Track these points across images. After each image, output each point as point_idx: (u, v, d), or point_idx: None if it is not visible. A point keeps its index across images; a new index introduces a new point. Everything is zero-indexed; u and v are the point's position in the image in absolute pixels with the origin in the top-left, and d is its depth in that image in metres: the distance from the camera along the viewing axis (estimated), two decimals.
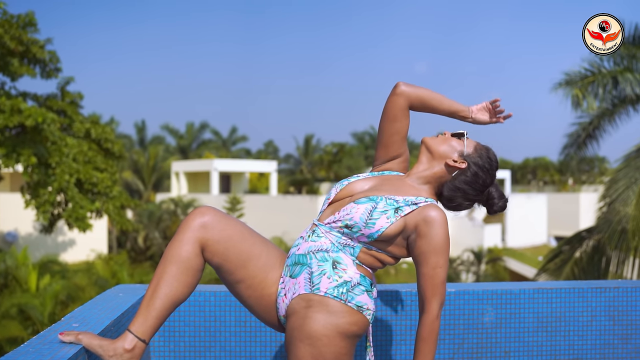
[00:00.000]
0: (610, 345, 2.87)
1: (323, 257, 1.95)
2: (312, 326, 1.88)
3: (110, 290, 2.72)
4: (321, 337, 1.88)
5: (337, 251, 1.96)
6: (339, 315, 1.89)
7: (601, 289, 2.89)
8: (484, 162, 2.12)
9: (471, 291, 2.81)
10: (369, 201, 1.96)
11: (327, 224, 1.99)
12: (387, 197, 1.98)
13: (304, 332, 1.88)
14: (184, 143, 43.82)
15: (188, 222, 1.93)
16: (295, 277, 1.95)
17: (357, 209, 1.94)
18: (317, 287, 1.91)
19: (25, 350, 1.72)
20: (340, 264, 1.94)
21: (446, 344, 2.78)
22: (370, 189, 2.06)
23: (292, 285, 1.95)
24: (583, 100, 10.71)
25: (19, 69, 14.33)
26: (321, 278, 1.92)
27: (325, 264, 1.94)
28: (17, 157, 13.12)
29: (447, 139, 2.15)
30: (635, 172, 9.84)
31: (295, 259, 1.98)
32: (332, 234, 1.97)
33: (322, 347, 1.87)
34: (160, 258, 1.93)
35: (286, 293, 1.96)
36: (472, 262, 26.02)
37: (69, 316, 2.16)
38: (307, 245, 1.98)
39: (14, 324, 12.15)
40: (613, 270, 9.96)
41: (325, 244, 1.97)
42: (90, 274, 15.26)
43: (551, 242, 36.90)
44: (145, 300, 1.87)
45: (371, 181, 2.12)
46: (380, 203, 1.95)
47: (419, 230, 1.95)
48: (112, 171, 16.20)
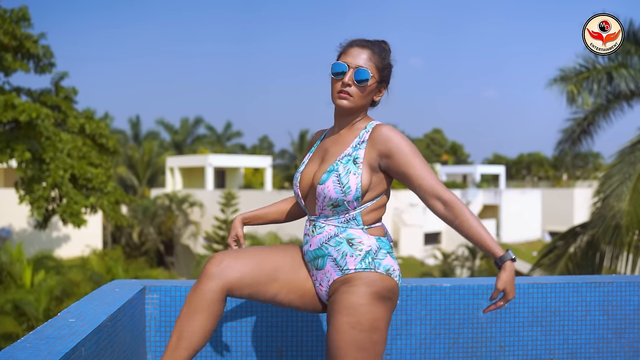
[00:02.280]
0: (604, 340, 2.89)
1: (336, 242, 2.04)
2: (348, 298, 1.97)
3: (107, 285, 2.72)
4: (357, 306, 1.96)
5: (344, 230, 2.04)
6: (372, 284, 1.98)
7: (595, 284, 2.90)
8: (387, 54, 2.12)
9: (466, 286, 2.82)
10: (329, 174, 2.02)
11: (319, 214, 2.08)
12: (339, 158, 2.04)
13: (342, 304, 1.97)
14: (178, 138, 43.71)
15: (207, 272, 2.02)
16: (322, 268, 2.07)
17: (327, 187, 2.01)
18: (346, 268, 2.02)
19: (22, 345, 1.72)
20: (354, 239, 2.03)
21: (442, 339, 2.79)
22: (322, 163, 2.10)
23: (322, 275, 2.08)
24: (578, 96, 10.73)
25: (13, 64, 14.27)
26: (346, 259, 2.02)
27: (342, 246, 2.03)
28: (11, 152, 13.08)
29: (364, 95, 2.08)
30: (629, 167, 9.87)
31: (313, 255, 2.09)
32: (330, 219, 2.06)
33: (358, 316, 1.95)
34: (182, 308, 2.02)
35: (320, 283, 2.09)
36: (467, 258, 26.09)
37: (66, 311, 2.16)
38: (316, 239, 2.07)
39: (9, 320, 12.13)
40: (607, 265, 10.00)
41: (331, 230, 2.05)
42: (85, 269, 15.24)
43: (545, 238, 37.03)
44: (169, 350, 1.98)
45: (317, 158, 2.16)
46: (339, 167, 2.02)
47: (383, 154, 2.01)
48: (107, 166, 16.17)
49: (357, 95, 2.05)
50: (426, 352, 2.78)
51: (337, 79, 2.06)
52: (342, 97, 2.05)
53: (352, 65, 2.05)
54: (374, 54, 2.08)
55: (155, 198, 28.50)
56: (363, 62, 2.05)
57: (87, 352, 1.84)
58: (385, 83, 2.14)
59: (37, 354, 1.64)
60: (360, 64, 2.04)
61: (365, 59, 2.05)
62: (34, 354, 1.65)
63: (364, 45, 2.08)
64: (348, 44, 2.11)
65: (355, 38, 2.12)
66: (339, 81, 2.06)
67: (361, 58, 2.05)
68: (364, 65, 2.04)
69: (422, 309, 2.79)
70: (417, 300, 2.79)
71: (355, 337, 1.94)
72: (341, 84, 2.05)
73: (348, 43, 2.11)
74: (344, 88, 2.04)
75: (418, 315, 2.79)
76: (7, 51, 14.15)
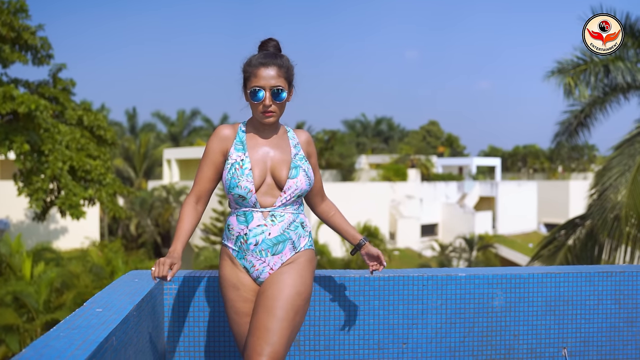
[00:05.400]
0: (616, 328, 2.93)
1: (295, 225, 2.37)
2: (297, 272, 2.32)
3: (125, 276, 2.75)
4: (303, 278, 2.33)
5: (297, 215, 2.39)
6: (313, 260, 2.41)
7: (607, 274, 2.94)
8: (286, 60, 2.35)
9: (481, 275, 2.86)
10: (297, 170, 2.35)
11: (280, 204, 2.33)
12: (295, 157, 2.37)
13: (292, 277, 2.30)
14: (175, 130, 43.64)
15: None
16: (280, 252, 2.34)
17: (300, 180, 2.34)
18: (299, 247, 2.37)
19: (56, 334, 1.74)
20: (303, 222, 2.42)
21: (457, 328, 2.83)
22: (276, 163, 2.35)
23: (277, 259, 2.34)
24: (575, 88, 10.76)
25: (11, 56, 14.17)
26: (300, 240, 2.38)
27: (298, 229, 2.38)
28: (10, 144, 13.02)
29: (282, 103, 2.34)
30: (629, 159, 9.92)
31: (273, 242, 2.33)
32: (288, 207, 2.35)
33: (303, 286, 2.32)
34: None
35: (272, 267, 2.34)
36: (464, 249, 26.20)
37: (91, 301, 2.18)
38: (278, 227, 2.33)
39: (9, 312, 12.12)
40: (605, 257, 10.07)
41: (290, 217, 2.36)
42: (85, 261, 15.24)
43: (541, 230, 37.20)
44: None
45: (260, 159, 2.35)
46: (303, 164, 2.37)
47: (307, 154, 2.45)
48: (105, 158, 16.11)
49: (279, 110, 2.33)
50: (442, 340, 2.82)
51: (257, 103, 2.30)
52: (268, 116, 2.32)
53: (267, 88, 2.28)
54: (280, 67, 2.30)
55: (152, 190, 28.47)
56: (275, 81, 2.28)
57: (117, 341, 1.87)
58: (293, 84, 2.37)
59: (72, 343, 1.67)
60: (273, 83, 2.28)
61: (274, 76, 2.28)
62: (69, 342, 1.67)
63: (268, 64, 2.29)
64: (253, 66, 2.30)
65: (253, 56, 2.34)
66: (259, 104, 2.30)
67: (271, 77, 2.28)
68: (276, 83, 2.28)
69: (437, 298, 2.82)
70: (432, 289, 2.82)
71: (298, 304, 2.28)
72: (262, 106, 2.30)
73: (253, 65, 2.31)
74: (267, 109, 2.30)
75: (434, 304, 2.82)
76: (5, 43, 14.05)
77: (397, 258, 26.05)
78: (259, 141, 2.38)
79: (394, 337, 2.80)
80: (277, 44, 2.41)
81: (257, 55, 2.34)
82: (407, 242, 30.66)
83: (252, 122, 2.41)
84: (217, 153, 2.36)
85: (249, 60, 2.34)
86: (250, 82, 2.29)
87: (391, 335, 2.80)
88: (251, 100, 2.30)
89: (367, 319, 2.80)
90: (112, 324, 1.87)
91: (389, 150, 50.06)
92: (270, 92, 2.27)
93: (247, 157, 2.33)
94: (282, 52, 2.40)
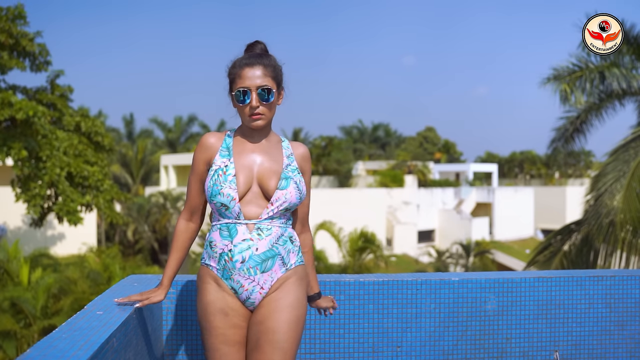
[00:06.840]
0: (607, 332, 2.99)
1: (284, 240, 2.21)
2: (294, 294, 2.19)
3: (125, 280, 2.79)
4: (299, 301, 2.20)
5: (286, 229, 2.23)
6: (304, 277, 2.27)
7: (598, 278, 3.00)
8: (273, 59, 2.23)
9: (474, 280, 2.91)
10: (288, 181, 2.20)
11: (266, 216, 2.18)
12: (286, 168, 2.22)
13: (288, 301, 2.17)
14: (172, 136, 43.67)
15: None
16: (270, 269, 2.17)
17: (290, 192, 2.19)
18: (289, 264, 2.22)
19: (59, 335, 1.79)
20: (292, 236, 2.26)
21: (450, 331, 2.88)
22: (264, 171, 2.20)
23: (267, 276, 2.17)
24: (571, 94, 10.86)
25: (9, 62, 14.24)
26: (289, 255, 2.22)
27: (287, 244, 2.22)
28: (8, 150, 13.08)
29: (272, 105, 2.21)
30: (623, 165, 9.98)
31: (262, 257, 2.16)
32: (275, 220, 2.20)
33: (301, 309, 2.20)
34: None
35: (262, 286, 2.18)
36: (461, 255, 26.25)
37: (92, 304, 2.23)
38: (266, 241, 2.17)
39: (6, 317, 12.13)
40: (601, 263, 10.12)
41: (278, 231, 2.20)
42: (82, 267, 15.25)
43: (538, 235, 37.27)
44: None
45: (245, 167, 2.19)
46: (295, 176, 2.22)
47: (302, 170, 2.29)
48: (103, 164, 16.17)
49: (267, 111, 2.18)
50: (435, 344, 2.87)
51: (244, 106, 2.17)
52: (256, 119, 2.17)
53: (253, 88, 2.15)
54: (266, 66, 2.18)
55: (149, 196, 28.48)
56: (261, 80, 2.15)
57: (118, 343, 1.92)
58: (282, 85, 2.25)
59: (74, 344, 1.72)
60: (259, 83, 2.15)
61: (261, 76, 2.15)
62: (72, 343, 1.72)
63: (253, 64, 2.17)
64: (238, 67, 2.19)
65: (238, 58, 2.23)
66: (246, 106, 2.17)
67: (257, 77, 2.15)
68: (262, 83, 2.15)
69: (431, 302, 2.87)
70: (426, 293, 2.88)
71: (300, 328, 2.19)
72: (249, 109, 2.16)
73: (237, 67, 2.19)
74: (255, 111, 2.16)
75: (427, 308, 2.87)
76: (3, 49, 14.13)
77: (394, 264, 26.07)
78: (247, 147, 2.23)
79: (388, 341, 2.85)
80: (264, 47, 2.28)
81: (242, 56, 2.23)
82: (404, 248, 30.70)
83: (242, 128, 2.27)
84: (200, 164, 2.23)
85: (233, 62, 2.22)
86: (236, 84, 2.17)
87: (385, 339, 2.85)
88: (237, 103, 2.17)
89: (362, 322, 2.85)
90: (112, 326, 1.92)
91: (385, 156, 50.15)
92: (257, 93, 2.14)
93: (232, 163, 2.18)
94: (273, 56, 2.26)
